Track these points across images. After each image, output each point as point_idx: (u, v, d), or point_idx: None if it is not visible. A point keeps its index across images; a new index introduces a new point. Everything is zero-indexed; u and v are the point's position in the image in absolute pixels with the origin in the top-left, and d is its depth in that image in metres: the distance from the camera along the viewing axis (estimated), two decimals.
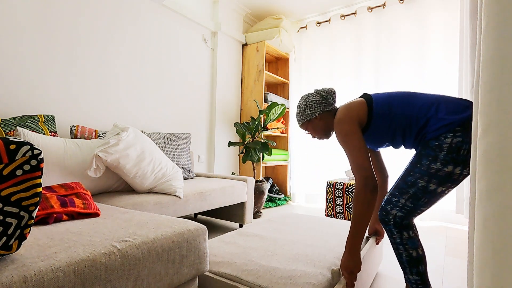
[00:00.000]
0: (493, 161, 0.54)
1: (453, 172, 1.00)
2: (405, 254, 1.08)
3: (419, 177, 1.04)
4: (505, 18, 0.52)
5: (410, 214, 1.07)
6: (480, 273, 0.53)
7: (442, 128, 1.02)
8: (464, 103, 1.05)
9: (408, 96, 1.12)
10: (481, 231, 0.55)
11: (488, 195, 0.55)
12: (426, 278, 1.08)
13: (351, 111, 1.14)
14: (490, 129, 0.55)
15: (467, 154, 0.98)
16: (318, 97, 1.28)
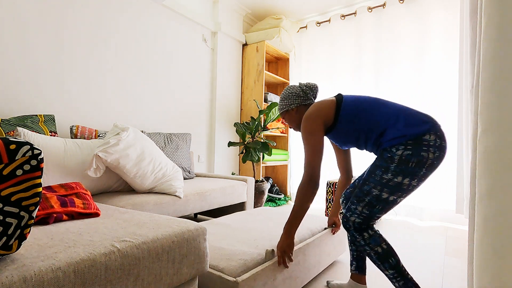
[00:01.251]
0: (493, 161, 0.54)
1: (402, 182, 1.08)
2: (373, 252, 1.13)
3: (373, 187, 1.11)
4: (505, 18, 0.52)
5: (367, 220, 1.14)
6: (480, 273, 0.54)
7: (396, 139, 1.09)
8: (423, 117, 1.11)
9: (375, 102, 1.19)
10: (481, 231, 0.55)
11: (488, 195, 0.55)
12: (402, 270, 1.11)
13: (319, 110, 1.21)
14: (490, 129, 0.55)
15: (415, 166, 1.06)
16: (299, 90, 1.35)
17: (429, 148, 1.06)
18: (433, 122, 1.10)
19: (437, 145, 1.06)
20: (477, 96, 0.68)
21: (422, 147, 1.05)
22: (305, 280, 1.39)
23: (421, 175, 1.08)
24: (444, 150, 1.08)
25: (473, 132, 0.71)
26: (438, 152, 1.06)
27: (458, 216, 2.77)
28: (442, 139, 1.08)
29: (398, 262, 1.11)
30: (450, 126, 2.80)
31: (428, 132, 1.07)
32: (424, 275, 1.61)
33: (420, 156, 1.05)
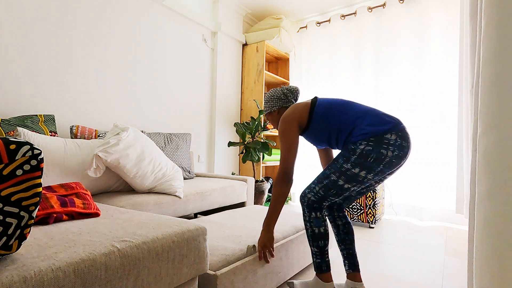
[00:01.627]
0: (493, 161, 0.54)
1: (358, 174, 1.17)
2: (310, 230, 1.27)
3: (333, 172, 1.22)
4: (505, 18, 0.52)
5: (321, 200, 1.25)
6: (480, 273, 0.54)
7: (360, 136, 1.19)
8: (386, 118, 1.20)
9: (345, 105, 1.29)
10: (481, 231, 0.55)
11: (488, 195, 0.55)
12: (324, 252, 1.27)
13: (294, 112, 1.31)
14: (490, 129, 0.55)
15: (373, 162, 1.15)
16: (280, 93, 1.46)
17: (389, 146, 1.14)
18: (395, 123, 1.18)
19: (397, 144, 1.14)
20: (477, 96, 0.68)
21: (382, 145, 1.14)
22: (288, 275, 1.42)
23: (378, 170, 1.16)
24: (404, 150, 1.15)
25: (473, 132, 0.71)
26: (398, 151, 1.14)
27: (458, 216, 2.77)
28: (404, 139, 1.16)
29: (325, 246, 1.27)
30: (450, 126, 2.80)
31: (389, 132, 1.15)
32: (424, 275, 1.61)
33: (379, 153, 1.14)
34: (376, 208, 2.54)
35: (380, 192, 2.70)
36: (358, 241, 2.18)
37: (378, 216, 2.60)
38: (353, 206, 2.62)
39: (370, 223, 2.54)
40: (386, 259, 1.83)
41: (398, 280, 1.55)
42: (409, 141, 1.18)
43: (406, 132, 1.18)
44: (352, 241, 1.38)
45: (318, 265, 1.27)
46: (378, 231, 2.46)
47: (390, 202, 3.12)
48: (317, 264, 1.28)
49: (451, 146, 2.80)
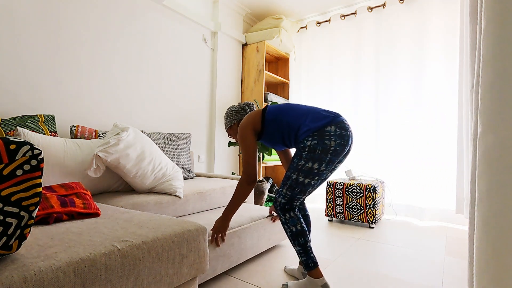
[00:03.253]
0: (493, 161, 0.54)
1: (312, 167, 1.30)
2: (288, 230, 1.36)
3: (292, 172, 1.34)
4: (505, 18, 0.52)
5: (290, 200, 1.36)
6: (480, 272, 0.54)
7: (306, 132, 1.33)
8: (325, 114, 1.35)
9: (290, 107, 1.43)
10: (481, 231, 0.55)
11: (488, 195, 0.55)
12: (307, 249, 1.34)
13: (248, 120, 1.45)
14: (490, 129, 0.55)
15: (321, 153, 1.28)
16: (238, 108, 1.63)
17: (331, 137, 1.29)
18: (333, 116, 1.34)
19: (337, 134, 1.30)
20: (477, 96, 0.68)
21: (325, 137, 1.29)
22: (240, 259, 1.58)
23: (328, 160, 1.30)
24: (344, 138, 1.31)
25: (473, 132, 0.71)
26: (339, 140, 1.29)
27: (458, 216, 2.77)
28: (342, 129, 1.31)
29: (306, 242, 1.35)
30: (450, 126, 2.80)
31: (329, 124, 1.31)
32: (424, 275, 1.61)
33: (324, 144, 1.28)
34: (376, 208, 2.54)
35: (380, 192, 2.70)
36: (358, 241, 2.18)
37: (378, 216, 2.60)
38: (353, 206, 2.62)
39: (370, 223, 2.54)
40: (386, 259, 1.83)
41: (398, 280, 1.55)
42: (347, 130, 1.33)
43: (344, 123, 1.34)
44: (308, 232, 1.57)
45: (305, 263, 1.35)
46: (378, 231, 2.46)
47: (390, 202, 3.12)
48: (304, 262, 1.35)
49: (451, 146, 2.80)
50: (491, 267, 0.52)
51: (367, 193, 2.56)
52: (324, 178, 1.40)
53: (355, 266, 1.71)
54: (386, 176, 3.15)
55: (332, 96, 3.53)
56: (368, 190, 2.55)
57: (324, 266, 1.70)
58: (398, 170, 3.09)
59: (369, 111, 3.28)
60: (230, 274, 1.57)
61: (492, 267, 0.52)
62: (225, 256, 1.48)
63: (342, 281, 1.52)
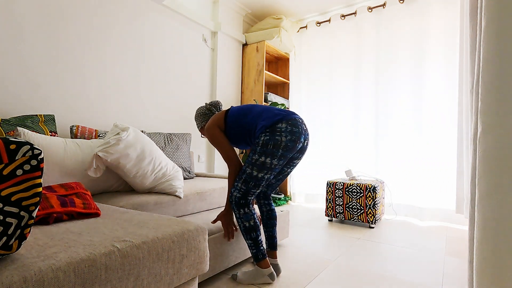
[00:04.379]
0: (493, 161, 0.54)
1: (265, 161, 1.38)
2: (242, 225, 1.45)
3: (247, 166, 1.42)
4: (505, 18, 0.52)
5: (245, 194, 1.44)
6: (480, 272, 0.54)
7: (260, 129, 1.42)
8: (277, 112, 1.44)
9: (249, 109, 1.53)
10: (481, 231, 0.55)
11: (488, 195, 0.55)
12: (257, 243, 1.45)
13: (213, 120, 1.56)
14: (490, 129, 0.55)
15: (273, 148, 1.36)
16: (205, 109, 1.72)
17: (281, 133, 1.36)
18: (284, 114, 1.42)
19: (288, 130, 1.37)
20: (477, 96, 0.68)
21: (276, 133, 1.37)
22: (239, 259, 1.64)
23: (279, 155, 1.37)
24: (295, 134, 1.38)
25: (473, 132, 0.71)
26: (290, 136, 1.36)
27: (458, 216, 2.77)
28: (294, 125, 1.38)
29: (257, 237, 1.45)
30: (450, 126, 2.80)
31: (280, 121, 1.39)
32: (424, 275, 1.61)
33: (275, 139, 1.36)
34: (376, 208, 2.54)
35: (380, 192, 2.70)
36: (358, 241, 2.18)
37: (378, 216, 2.60)
38: (353, 206, 2.62)
39: (370, 223, 2.54)
40: (386, 259, 1.83)
41: (398, 280, 1.55)
42: (299, 127, 1.40)
43: (296, 120, 1.41)
44: (274, 225, 1.66)
45: (254, 255, 1.46)
46: (378, 231, 2.46)
47: (390, 202, 3.12)
48: (254, 254, 1.46)
49: (451, 146, 2.80)
50: (491, 267, 0.52)
51: (367, 193, 2.56)
52: (281, 174, 1.54)
53: (355, 266, 1.71)
54: (386, 176, 3.15)
55: (332, 96, 3.53)
56: (368, 190, 2.55)
57: (324, 266, 1.71)
58: (398, 170, 3.09)
59: (369, 111, 3.28)
60: (228, 273, 1.58)
61: (492, 267, 0.52)
62: (223, 256, 1.52)
63: (342, 281, 1.52)
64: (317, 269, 1.66)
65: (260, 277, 1.45)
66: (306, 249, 1.99)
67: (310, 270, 1.64)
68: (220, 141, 1.51)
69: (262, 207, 1.68)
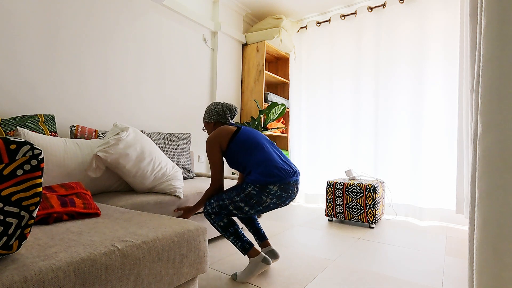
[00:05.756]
0: (493, 161, 0.54)
1: (243, 208, 1.47)
2: (218, 226, 1.53)
3: (227, 198, 1.50)
4: (505, 18, 0.52)
5: (216, 213, 1.54)
6: (480, 272, 0.54)
7: (251, 180, 1.45)
8: (276, 171, 1.45)
9: (254, 148, 1.54)
10: (481, 231, 0.55)
11: (488, 195, 0.55)
12: (239, 235, 1.51)
13: (216, 138, 1.59)
14: (490, 129, 0.55)
15: (255, 203, 1.45)
16: (220, 109, 1.71)
17: (269, 195, 1.43)
18: (281, 176, 1.44)
19: (277, 195, 1.44)
20: (477, 96, 0.68)
21: (264, 193, 1.43)
22: None
23: (258, 209, 1.47)
24: (281, 199, 1.45)
25: (473, 132, 0.71)
26: (275, 200, 1.44)
27: (458, 216, 2.77)
28: (284, 190, 1.44)
29: (235, 230, 1.51)
30: (450, 126, 2.80)
31: (273, 184, 1.42)
32: (424, 275, 1.61)
33: (260, 198, 1.43)
34: (376, 208, 2.55)
35: (380, 192, 2.70)
36: (358, 241, 2.18)
37: (378, 216, 2.60)
38: (353, 206, 2.62)
39: (370, 223, 2.54)
40: (386, 259, 1.83)
41: (398, 280, 1.55)
42: (289, 192, 1.46)
43: (289, 185, 1.46)
44: (254, 219, 1.72)
45: (241, 247, 1.50)
46: (378, 231, 2.46)
47: (390, 202, 3.12)
48: (240, 248, 1.50)
49: (451, 146, 2.80)
50: (491, 267, 0.52)
51: (367, 193, 2.56)
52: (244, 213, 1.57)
53: (355, 266, 1.71)
54: (386, 176, 3.15)
55: (332, 96, 3.53)
56: (368, 190, 2.55)
57: (324, 266, 1.71)
58: (398, 170, 3.09)
59: (369, 110, 3.28)
60: (229, 273, 1.58)
61: (492, 267, 0.52)
62: None
63: (342, 281, 1.52)
64: (317, 269, 1.66)
65: (256, 267, 1.47)
66: (306, 249, 1.99)
67: (310, 270, 1.64)
68: (214, 160, 1.58)
69: None
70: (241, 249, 1.50)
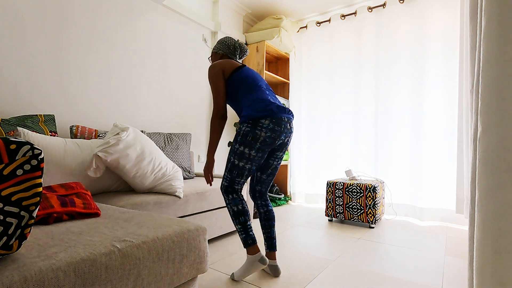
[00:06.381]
0: (493, 161, 0.54)
1: (244, 151, 1.45)
2: (231, 210, 1.51)
3: (231, 155, 1.49)
4: (505, 18, 0.52)
5: (231, 183, 1.52)
6: (480, 272, 0.54)
7: (243, 117, 1.47)
8: (266, 107, 1.45)
9: (252, 87, 1.54)
10: (482, 231, 0.55)
11: (488, 194, 0.55)
12: (246, 227, 1.50)
13: (221, 64, 1.57)
14: (490, 129, 0.55)
15: (251, 140, 1.43)
16: (232, 44, 1.71)
17: (262, 128, 1.42)
18: (271, 112, 1.44)
19: (270, 128, 1.43)
20: (477, 96, 0.68)
21: (257, 127, 1.43)
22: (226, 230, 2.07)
23: (257, 148, 1.44)
24: (276, 132, 1.44)
25: (473, 132, 0.71)
26: (270, 133, 1.43)
27: (458, 216, 2.77)
28: (277, 124, 1.44)
29: (245, 221, 1.50)
30: (450, 126, 2.80)
31: (264, 118, 1.43)
32: (424, 275, 1.61)
33: (255, 133, 1.43)
34: (376, 208, 2.55)
35: (380, 192, 2.70)
36: (358, 241, 2.18)
37: (378, 216, 2.60)
38: (353, 206, 2.62)
39: (370, 223, 2.54)
40: (386, 259, 1.83)
41: (398, 280, 1.55)
42: (282, 126, 1.45)
43: (281, 119, 1.46)
44: (272, 226, 1.64)
45: (244, 240, 1.49)
46: (378, 231, 2.46)
47: (390, 202, 3.12)
48: (243, 239, 1.49)
49: (451, 146, 2.80)
50: (491, 267, 0.52)
51: (367, 193, 2.56)
52: (270, 169, 1.57)
53: (355, 266, 1.71)
54: (386, 176, 3.15)
55: (332, 96, 3.53)
56: (368, 190, 2.55)
57: (324, 266, 1.71)
58: (398, 170, 3.09)
59: (369, 110, 3.28)
60: (228, 273, 1.58)
61: (492, 267, 0.52)
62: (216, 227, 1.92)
63: (342, 281, 1.52)
64: (317, 269, 1.66)
65: (252, 266, 1.47)
66: (306, 249, 1.99)
67: (310, 270, 1.65)
68: (218, 84, 1.55)
69: (260, 208, 1.67)
70: (243, 241, 1.49)
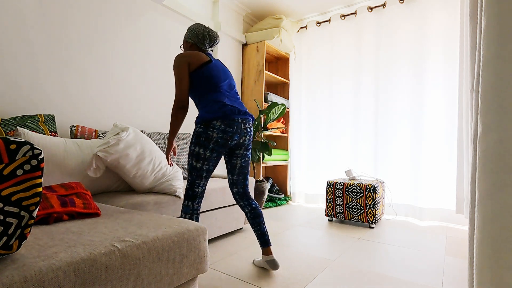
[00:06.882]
0: (493, 161, 0.54)
1: (199, 152, 1.47)
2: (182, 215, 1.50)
3: (189, 157, 1.51)
4: (505, 18, 0.52)
5: (191, 185, 1.51)
6: (480, 272, 0.54)
7: (198, 119, 1.49)
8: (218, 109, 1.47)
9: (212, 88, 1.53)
10: (481, 231, 0.55)
11: (488, 194, 0.55)
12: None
13: (190, 54, 1.53)
14: (490, 129, 0.55)
15: (204, 141, 1.45)
16: (201, 33, 1.63)
17: (214, 130, 1.45)
18: (223, 113, 1.46)
19: (221, 129, 1.45)
20: (477, 96, 0.68)
21: (209, 128, 1.45)
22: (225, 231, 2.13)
23: (211, 148, 1.46)
24: (227, 133, 1.46)
25: (473, 132, 0.71)
26: (221, 134, 1.46)
27: (458, 216, 2.77)
28: (228, 125, 1.46)
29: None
30: (450, 126, 2.80)
31: (216, 119, 1.45)
32: (424, 275, 1.61)
33: (207, 134, 1.45)
34: (376, 208, 2.55)
35: (380, 192, 2.70)
36: (358, 241, 2.18)
37: (378, 216, 2.60)
38: (353, 206, 2.62)
39: (370, 223, 2.54)
40: (386, 259, 1.83)
41: (398, 280, 1.55)
42: (234, 127, 1.48)
43: (234, 121, 1.48)
44: (261, 223, 1.64)
45: None
46: (378, 231, 2.46)
47: (390, 202, 3.12)
48: None
49: (451, 146, 2.80)
50: (491, 267, 0.52)
51: (367, 193, 2.56)
52: (215, 164, 1.54)
53: (355, 266, 1.71)
54: (386, 176, 3.15)
55: (332, 96, 3.53)
56: (368, 190, 2.55)
57: (324, 266, 1.71)
58: (398, 170, 3.09)
59: (369, 110, 3.28)
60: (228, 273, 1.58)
61: (492, 267, 0.52)
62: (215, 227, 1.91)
63: (342, 281, 1.52)
64: (317, 269, 1.66)
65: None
66: (306, 249, 1.99)
67: (310, 270, 1.65)
68: (182, 74, 1.51)
69: (244, 208, 1.66)
70: None
